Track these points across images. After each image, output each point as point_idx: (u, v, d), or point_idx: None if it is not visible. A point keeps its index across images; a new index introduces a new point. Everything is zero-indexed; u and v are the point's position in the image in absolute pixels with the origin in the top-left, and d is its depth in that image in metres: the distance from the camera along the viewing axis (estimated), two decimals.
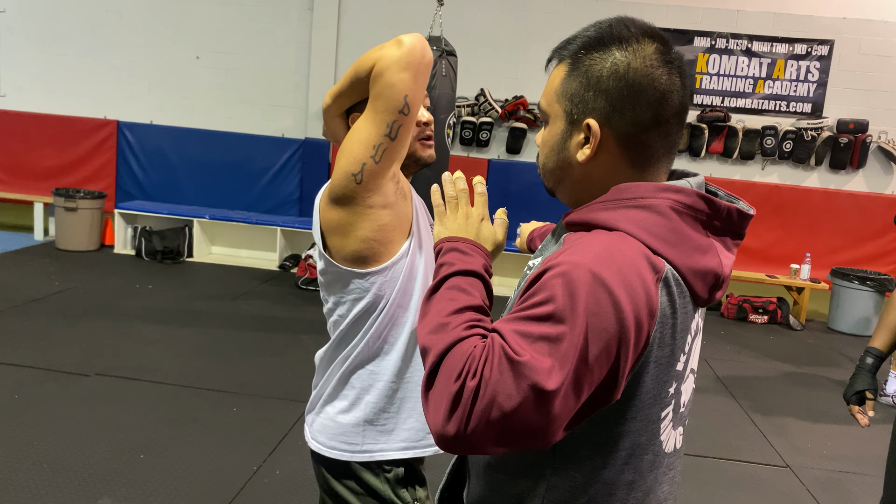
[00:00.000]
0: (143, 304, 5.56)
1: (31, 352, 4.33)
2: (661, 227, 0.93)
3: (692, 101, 0.99)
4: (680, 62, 0.98)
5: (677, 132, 0.99)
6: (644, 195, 0.95)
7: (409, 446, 1.54)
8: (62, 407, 3.64)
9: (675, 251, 0.93)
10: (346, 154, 1.43)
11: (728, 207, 0.98)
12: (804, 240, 7.34)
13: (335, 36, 7.63)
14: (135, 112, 8.01)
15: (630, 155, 0.98)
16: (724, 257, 0.98)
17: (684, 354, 0.99)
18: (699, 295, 0.97)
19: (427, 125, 1.58)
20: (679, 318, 0.94)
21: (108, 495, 2.88)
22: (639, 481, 1.00)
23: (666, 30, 7.25)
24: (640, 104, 0.95)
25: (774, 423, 4.30)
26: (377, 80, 1.39)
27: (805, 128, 7.24)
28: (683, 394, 1.03)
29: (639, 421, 0.97)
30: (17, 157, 8.08)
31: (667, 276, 0.92)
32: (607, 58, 0.96)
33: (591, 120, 0.97)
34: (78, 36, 7.99)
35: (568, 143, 1.01)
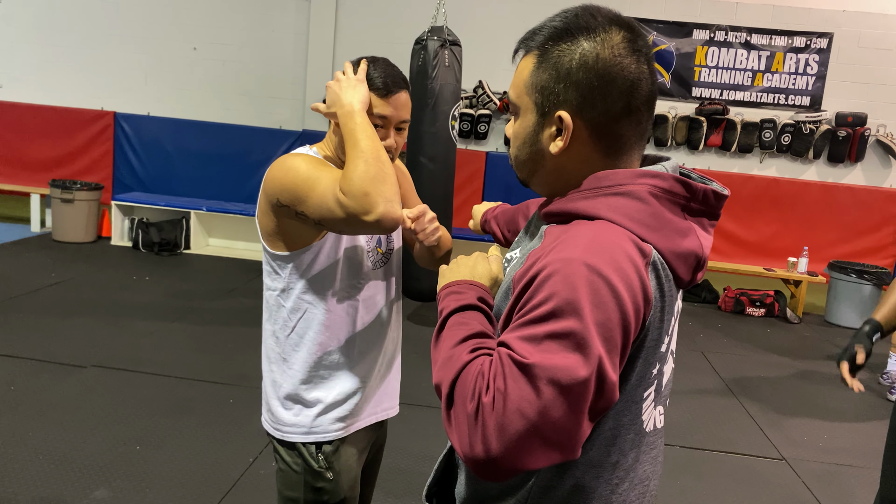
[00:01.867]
0: (139, 295, 5.55)
1: (27, 343, 4.32)
2: (642, 212, 0.94)
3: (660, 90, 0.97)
4: (647, 49, 0.98)
5: (648, 119, 1.01)
6: (622, 182, 0.96)
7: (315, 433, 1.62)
8: (58, 398, 3.64)
9: (658, 235, 0.94)
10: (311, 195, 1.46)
11: (704, 189, 0.99)
12: (802, 233, 7.34)
13: (333, 27, 7.60)
14: (132, 103, 7.98)
15: (603, 144, 0.99)
16: (704, 239, 1.00)
17: (668, 336, 1.01)
18: (682, 277, 0.98)
19: (387, 150, 1.56)
20: (666, 302, 0.97)
21: (105, 486, 2.88)
22: (622, 461, 1.01)
23: (664, 22, 7.27)
24: (610, 94, 0.95)
25: (771, 416, 4.31)
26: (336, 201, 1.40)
27: (803, 121, 7.23)
28: (665, 374, 1.05)
29: (624, 402, 0.98)
30: (13, 148, 8.05)
31: (654, 261, 0.93)
32: (576, 48, 0.96)
33: (563, 112, 0.97)
34: (75, 27, 7.95)
35: (540, 136, 1.01)
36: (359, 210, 1.35)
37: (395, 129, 1.59)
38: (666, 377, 1.06)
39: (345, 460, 1.63)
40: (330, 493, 1.60)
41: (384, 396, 1.75)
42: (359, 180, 1.35)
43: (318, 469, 1.60)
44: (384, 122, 1.56)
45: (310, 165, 1.49)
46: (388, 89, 1.54)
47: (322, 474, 1.60)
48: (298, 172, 1.49)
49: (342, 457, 1.62)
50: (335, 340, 1.62)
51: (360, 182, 1.35)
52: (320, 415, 1.60)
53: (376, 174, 1.36)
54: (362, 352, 1.66)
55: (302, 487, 1.60)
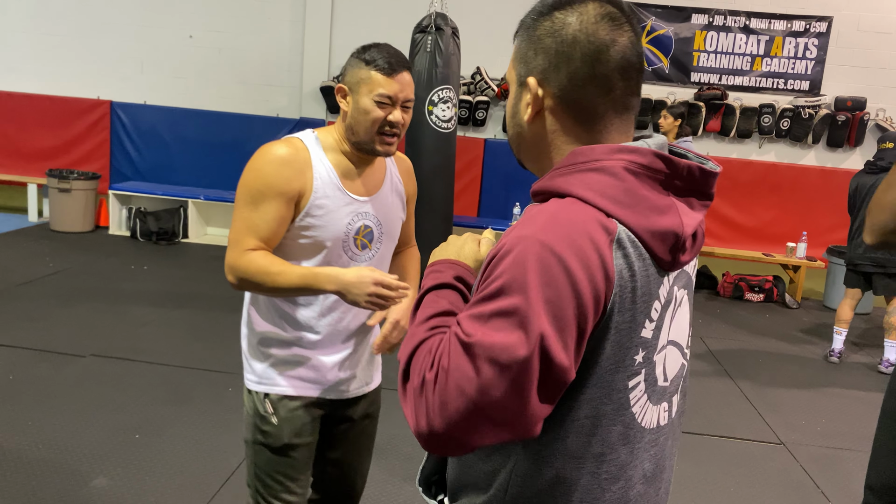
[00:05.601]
0: (138, 285, 5.55)
1: (25, 333, 4.32)
2: (615, 188, 0.92)
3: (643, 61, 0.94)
4: (625, 20, 0.97)
5: (624, 89, 0.97)
6: (598, 157, 0.94)
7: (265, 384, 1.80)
8: (57, 388, 3.64)
9: (630, 212, 0.91)
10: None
11: (688, 166, 0.95)
12: (800, 218, 7.34)
13: (329, 14, 7.56)
14: (128, 92, 7.94)
15: (572, 112, 0.98)
16: (688, 217, 0.95)
17: (650, 321, 0.95)
18: (660, 257, 0.93)
19: (393, 125, 1.67)
20: (639, 282, 0.92)
21: (104, 475, 2.89)
22: (609, 454, 0.96)
23: (663, 7, 7.22)
24: (574, 58, 0.95)
25: (769, 401, 4.32)
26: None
27: (803, 105, 7.21)
28: (659, 364, 0.99)
29: (599, 388, 0.93)
30: (10, 137, 8.02)
31: (620, 238, 0.89)
32: (549, 19, 0.99)
33: (531, 78, 0.99)
34: (70, 16, 7.90)
35: (519, 106, 1.03)
36: (226, 268, 1.67)
37: (401, 107, 1.67)
38: (661, 368, 1.00)
39: (290, 412, 1.76)
40: (273, 437, 1.75)
41: (349, 375, 1.83)
42: (232, 277, 1.65)
43: (263, 414, 1.76)
44: (390, 100, 1.65)
45: (261, 188, 1.64)
46: (392, 68, 1.64)
47: (267, 419, 1.76)
48: (253, 182, 1.65)
49: (287, 408, 1.76)
50: (298, 312, 1.74)
51: (232, 279, 1.66)
52: (271, 367, 1.77)
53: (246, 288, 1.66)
54: (325, 328, 1.76)
55: (252, 429, 1.79)
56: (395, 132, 1.68)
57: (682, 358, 1.06)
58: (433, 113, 5.14)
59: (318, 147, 1.71)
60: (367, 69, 1.64)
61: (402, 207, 1.86)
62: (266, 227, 1.63)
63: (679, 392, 1.08)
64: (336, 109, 7.68)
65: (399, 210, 1.85)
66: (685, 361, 1.08)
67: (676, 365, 1.04)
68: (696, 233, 1.01)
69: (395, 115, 1.65)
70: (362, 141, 1.68)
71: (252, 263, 1.62)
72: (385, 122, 1.66)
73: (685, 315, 1.05)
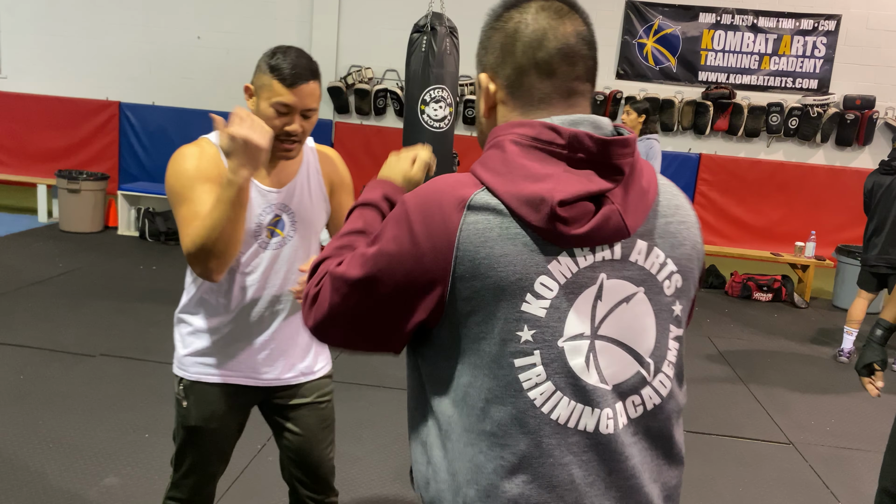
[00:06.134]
0: (146, 285, 5.57)
1: (36, 333, 4.35)
2: (495, 159, 0.96)
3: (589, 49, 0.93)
4: (570, 10, 1.00)
5: (567, 74, 0.99)
6: (498, 134, 0.99)
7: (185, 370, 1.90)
8: (67, 387, 3.66)
9: (499, 179, 0.94)
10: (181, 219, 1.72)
11: (573, 133, 0.93)
12: (809, 217, 7.31)
13: (336, 14, 7.57)
14: (136, 93, 7.97)
15: (520, 102, 1.01)
16: (567, 184, 0.91)
17: (537, 297, 0.93)
18: (535, 225, 0.91)
19: (291, 134, 1.71)
20: (499, 248, 0.91)
21: (115, 474, 2.90)
22: (505, 439, 0.95)
23: (670, 6, 7.21)
24: (516, 48, 0.99)
25: (778, 401, 4.31)
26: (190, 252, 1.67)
27: (811, 104, 7.17)
28: (576, 356, 0.95)
29: (472, 355, 0.95)
30: (19, 138, 8.06)
31: (473, 203, 0.93)
32: (497, 19, 1.04)
33: (482, 74, 1.04)
34: (78, 16, 7.94)
35: (479, 106, 1.07)
36: (186, 257, 1.66)
37: (300, 116, 1.72)
38: (602, 369, 0.96)
39: (200, 396, 1.87)
40: (184, 418, 1.89)
41: (271, 363, 1.89)
42: (192, 245, 1.62)
43: (178, 396, 1.90)
44: (288, 109, 1.69)
45: (190, 179, 1.68)
46: (293, 80, 1.67)
47: (180, 401, 1.89)
48: (177, 180, 1.70)
49: (198, 393, 1.87)
50: (213, 297, 1.82)
51: (192, 247, 1.62)
52: (187, 356, 1.88)
53: (210, 250, 1.61)
54: (240, 316, 1.83)
55: (175, 407, 1.92)
56: (293, 140, 1.72)
57: (637, 366, 0.99)
58: (425, 112, 5.14)
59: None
60: (270, 76, 1.68)
61: (322, 197, 1.90)
62: (206, 208, 1.66)
63: (635, 403, 0.99)
64: (343, 109, 7.70)
65: (319, 199, 1.89)
66: (646, 373, 0.99)
67: (624, 370, 0.98)
68: (608, 211, 0.93)
69: (294, 126, 1.70)
70: None
71: (196, 230, 1.63)
72: (282, 131, 1.70)
73: (642, 317, 0.99)
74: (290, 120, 1.70)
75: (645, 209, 0.98)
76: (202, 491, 1.98)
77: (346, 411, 3.67)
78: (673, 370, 1.04)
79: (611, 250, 0.96)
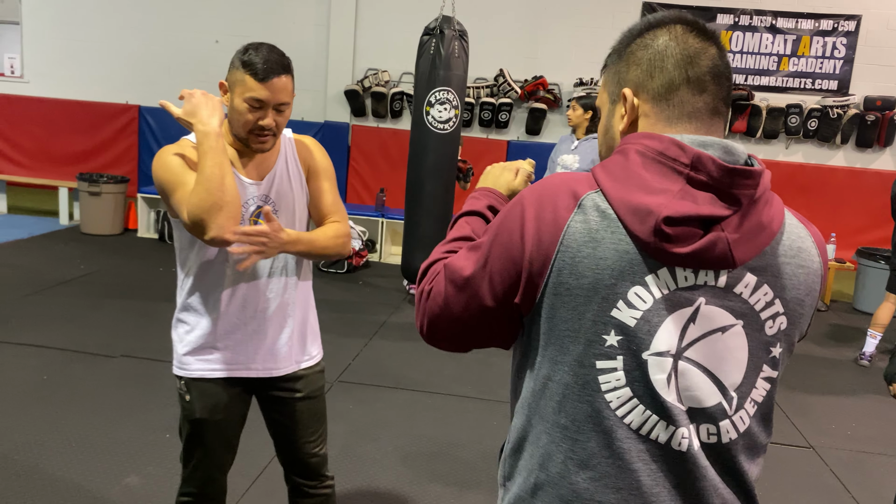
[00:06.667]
0: (166, 286, 5.63)
1: (58, 334, 4.40)
2: (618, 165, 0.98)
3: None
4: (712, 34, 1.03)
5: (716, 93, 1.01)
6: (627, 142, 1.00)
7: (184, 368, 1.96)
8: (89, 387, 3.71)
9: (615, 184, 0.95)
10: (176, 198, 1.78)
11: (697, 154, 0.93)
12: (829, 219, 7.24)
13: (353, 17, 7.61)
14: (156, 96, 8.01)
15: (665, 115, 1.01)
16: (680, 204, 0.91)
17: (630, 306, 0.94)
18: (638, 236, 0.92)
19: (264, 128, 1.77)
20: (602, 252, 0.93)
21: (136, 473, 2.94)
22: (575, 435, 0.97)
23: (687, 7, 7.17)
24: (667, 65, 1.00)
25: (798, 404, 4.27)
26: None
27: (831, 105, 7.11)
28: (659, 372, 0.95)
29: (555, 349, 0.98)
30: (41, 142, 8.18)
31: (583, 203, 0.96)
32: (639, 38, 1.04)
33: (626, 89, 1.04)
34: (99, 21, 8.04)
35: (612, 122, 1.07)
36: (195, 231, 1.69)
37: (273, 110, 1.77)
38: (681, 390, 0.96)
39: (202, 391, 1.92)
40: (188, 412, 1.94)
41: (263, 354, 1.95)
42: (196, 209, 1.65)
43: (180, 392, 1.96)
44: (261, 104, 1.74)
45: (178, 167, 1.75)
46: (265, 75, 1.71)
47: (182, 396, 1.95)
48: (167, 171, 1.76)
49: (200, 388, 1.92)
50: (203, 294, 1.89)
51: (198, 210, 1.65)
52: (185, 355, 1.93)
53: (213, 203, 1.64)
54: (229, 309, 1.89)
55: (179, 402, 1.99)
56: (266, 133, 1.78)
57: (720, 397, 0.98)
58: (430, 114, 5.15)
59: None
60: (243, 72, 1.73)
61: (301, 183, 1.95)
62: None
63: (710, 432, 0.99)
64: (360, 112, 7.73)
65: (299, 186, 1.94)
66: (727, 406, 0.98)
67: (705, 397, 0.98)
68: (715, 238, 0.92)
69: (267, 120, 1.76)
70: (240, 137, 1.81)
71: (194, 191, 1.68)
72: (256, 125, 1.76)
73: (735, 350, 0.98)
74: (263, 114, 1.75)
75: (761, 244, 0.97)
76: (213, 483, 2.03)
77: (363, 412, 3.69)
78: (756, 409, 1.02)
79: (715, 277, 0.96)
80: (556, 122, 7.59)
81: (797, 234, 1.03)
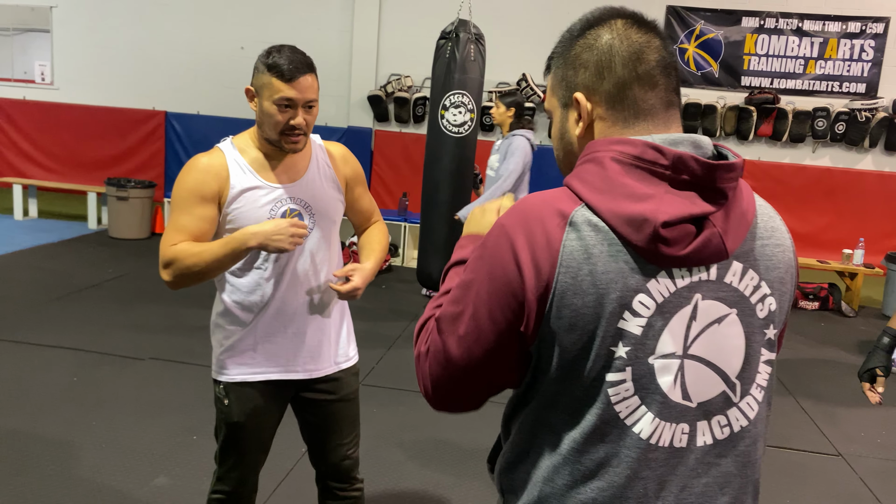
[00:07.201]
0: (193, 289, 5.66)
1: (88, 336, 4.48)
2: (595, 175, 0.96)
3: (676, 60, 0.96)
4: (652, 25, 1.02)
5: (666, 85, 1.00)
6: (596, 149, 0.98)
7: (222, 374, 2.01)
8: (118, 389, 3.76)
9: (601, 197, 0.94)
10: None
11: (676, 154, 0.93)
12: (857, 224, 7.14)
13: (377, 24, 7.66)
14: (182, 103, 8.17)
15: (621, 116, 1.00)
16: (670, 206, 0.91)
17: (634, 315, 0.94)
18: (636, 245, 0.92)
19: (295, 127, 1.82)
20: (601, 266, 0.92)
21: (165, 474, 2.98)
22: (585, 445, 0.97)
23: (712, 10, 7.13)
24: (615, 64, 0.99)
25: (826, 411, 4.22)
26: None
27: (859, 108, 7.02)
28: (666, 374, 0.96)
29: (562, 366, 0.96)
30: (70, 148, 8.32)
31: (574, 220, 0.93)
32: (581, 38, 1.03)
33: (578, 94, 1.02)
34: (126, 29, 8.17)
35: (567, 126, 1.06)
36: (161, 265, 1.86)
37: (302, 109, 1.82)
38: (688, 387, 0.97)
39: (240, 394, 1.96)
40: (226, 415, 1.98)
41: (301, 357, 1.98)
42: (165, 270, 1.83)
43: (218, 395, 2.00)
44: (290, 103, 1.79)
45: (189, 195, 1.83)
46: (291, 75, 1.77)
47: (221, 399, 1.99)
48: (179, 189, 1.85)
49: (238, 392, 1.97)
50: (241, 298, 1.93)
51: (177, 273, 1.82)
52: (224, 359, 1.98)
53: (192, 277, 1.82)
54: (267, 313, 1.93)
55: (216, 405, 2.03)
56: (298, 132, 1.82)
57: (723, 385, 0.99)
58: (444, 117, 5.16)
59: (234, 150, 1.89)
60: (269, 75, 1.78)
61: (336, 189, 1.99)
62: (192, 224, 1.82)
63: (721, 424, 1.00)
64: (383, 118, 7.78)
65: (333, 192, 1.97)
66: (731, 394, 1.00)
67: (709, 389, 0.99)
68: (709, 234, 0.93)
69: (297, 119, 1.81)
70: (271, 139, 1.85)
71: (177, 250, 1.80)
72: (287, 125, 1.80)
73: (732, 338, 0.99)
74: (293, 114, 1.80)
75: (743, 231, 0.98)
76: (246, 482, 2.07)
77: (388, 415, 3.70)
78: (763, 394, 1.03)
79: (707, 271, 0.96)
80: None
81: (768, 215, 1.05)
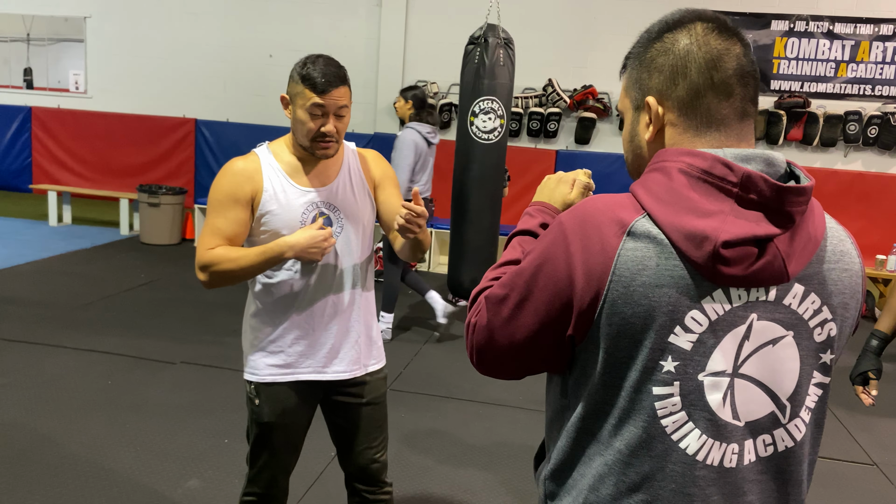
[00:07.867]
0: (223, 294, 5.76)
1: (121, 340, 4.56)
2: (661, 185, 0.94)
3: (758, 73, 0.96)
4: (734, 31, 1.00)
5: (743, 95, 0.98)
6: (665, 158, 0.97)
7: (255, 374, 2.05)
8: (151, 393, 3.82)
9: (664, 208, 0.92)
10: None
11: (746, 173, 0.90)
12: (891, 229, 7.01)
13: (403, 31, 7.71)
14: (212, 110, 8.29)
15: (693, 123, 0.98)
16: (733, 226, 0.89)
17: (686, 330, 0.92)
18: (695, 261, 0.90)
19: (326, 135, 1.87)
20: (655, 278, 0.91)
21: (197, 477, 3.02)
22: (630, 459, 0.97)
23: (741, 14, 7.07)
24: (690, 70, 0.97)
25: (860, 420, 4.15)
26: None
27: (892, 112, 6.90)
28: (715, 392, 0.95)
29: (609, 375, 0.96)
30: (103, 155, 8.49)
31: (634, 230, 0.92)
32: (658, 41, 1.01)
33: (650, 97, 1.01)
34: (158, 38, 8.32)
35: (637, 129, 1.04)
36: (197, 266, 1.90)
37: (334, 116, 1.87)
38: (737, 406, 0.96)
39: (271, 394, 2.01)
40: (257, 415, 2.03)
41: (332, 359, 2.02)
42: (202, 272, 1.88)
43: (249, 395, 2.04)
44: (322, 111, 1.85)
45: (224, 198, 1.89)
46: (323, 88, 1.83)
47: (252, 399, 2.03)
48: (215, 192, 1.91)
49: (268, 392, 2.01)
50: (273, 301, 1.97)
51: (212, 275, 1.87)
52: (255, 357, 2.02)
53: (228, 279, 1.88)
54: (299, 315, 1.97)
55: (247, 405, 2.08)
56: (329, 139, 1.88)
57: (772, 406, 0.97)
58: (474, 124, 5.15)
59: (269, 154, 1.95)
60: (302, 86, 1.84)
61: (366, 193, 2.04)
62: (227, 227, 1.88)
63: (766, 443, 0.99)
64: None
65: (363, 195, 2.02)
66: (780, 415, 0.98)
67: (759, 409, 0.97)
68: (771, 257, 0.91)
69: (328, 126, 1.86)
70: (303, 145, 1.91)
71: (215, 255, 1.86)
72: (318, 132, 1.86)
73: (786, 361, 0.97)
74: (324, 121, 1.86)
75: (809, 255, 0.95)
76: (277, 484, 2.10)
77: (414, 421, 3.72)
78: (811, 416, 1.01)
79: (766, 292, 0.94)
80: (605, 130, 7.55)
81: (839, 238, 1.02)
